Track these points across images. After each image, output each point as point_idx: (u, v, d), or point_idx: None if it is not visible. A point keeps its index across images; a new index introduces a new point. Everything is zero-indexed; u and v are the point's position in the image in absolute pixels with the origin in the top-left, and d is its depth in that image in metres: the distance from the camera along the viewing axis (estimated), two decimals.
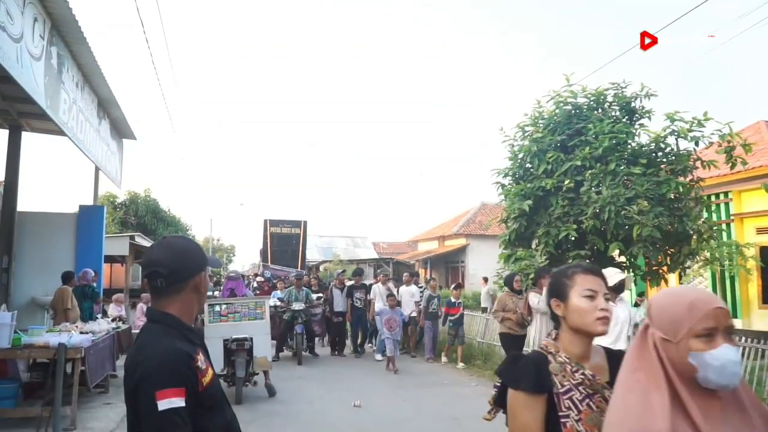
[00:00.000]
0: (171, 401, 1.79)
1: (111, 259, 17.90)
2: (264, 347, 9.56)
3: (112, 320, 10.46)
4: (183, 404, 1.81)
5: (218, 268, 30.53)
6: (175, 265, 2.03)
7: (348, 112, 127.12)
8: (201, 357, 1.98)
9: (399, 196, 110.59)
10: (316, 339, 14.63)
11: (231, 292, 11.88)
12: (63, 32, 7.78)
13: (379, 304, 13.38)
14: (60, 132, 8.90)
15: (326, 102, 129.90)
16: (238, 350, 8.94)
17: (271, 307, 12.09)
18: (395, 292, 13.71)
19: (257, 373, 9.47)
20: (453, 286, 13.92)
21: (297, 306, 12.95)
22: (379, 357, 12.92)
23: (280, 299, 13.66)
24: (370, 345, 14.66)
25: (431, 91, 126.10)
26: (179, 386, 1.83)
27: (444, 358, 12.77)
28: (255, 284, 20.97)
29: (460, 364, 12.20)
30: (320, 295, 14.83)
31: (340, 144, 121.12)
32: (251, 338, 9.16)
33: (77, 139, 9.11)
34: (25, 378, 7.98)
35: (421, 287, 14.63)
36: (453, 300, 12.91)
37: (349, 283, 14.69)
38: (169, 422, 1.78)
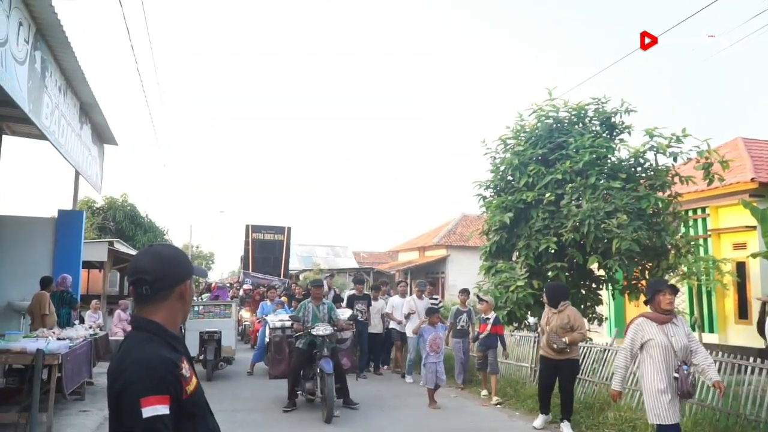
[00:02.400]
0: (155, 408, 1.81)
1: (89, 265, 17.74)
2: (230, 339, 11.97)
3: (90, 327, 10.38)
4: (167, 411, 1.83)
5: (204, 277, 30.18)
6: (160, 272, 2.05)
7: (333, 115, 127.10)
8: (185, 365, 2.00)
9: (380, 205, 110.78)
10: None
11: (216, 298, 14.99)
12: (47, 37, 7.75)
13: (398, 317, 12.29)
14: (41, 136, 8.83)
15: (313, 101, 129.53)
16: (209, 340, 11.39)
17: (276, 329, 10.27)
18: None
19: (222, 360, 11.85)
20: (478, 299, 10.96)
21: (322, 330, 8.68)
22: (422, 383, 9.98)
23: (294, 318, 9.31)
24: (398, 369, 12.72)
25: (422, 91, 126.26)
26: (163, 393, 1.85)
27: (483, 391, 10.39)
28: (242, 293, 20.18)
29: (494, 399, 9.86)
30: (354, 311, 11.77)
31: (322, 152, 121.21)
32: (220, 332, 11.53)
33: (58, 144, 9.05)
34: (1, 383, 7.88)
35: (436, 298, 13.37)
36: (483, 315, 10.44)
37: (350, 292, 13.32)
38: (152, 429, 1.79)
